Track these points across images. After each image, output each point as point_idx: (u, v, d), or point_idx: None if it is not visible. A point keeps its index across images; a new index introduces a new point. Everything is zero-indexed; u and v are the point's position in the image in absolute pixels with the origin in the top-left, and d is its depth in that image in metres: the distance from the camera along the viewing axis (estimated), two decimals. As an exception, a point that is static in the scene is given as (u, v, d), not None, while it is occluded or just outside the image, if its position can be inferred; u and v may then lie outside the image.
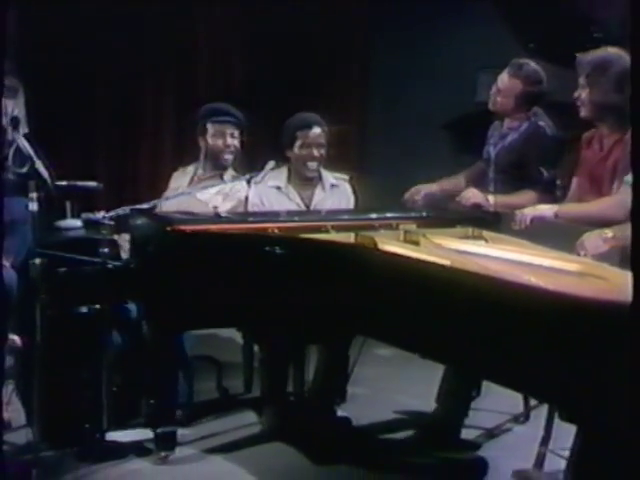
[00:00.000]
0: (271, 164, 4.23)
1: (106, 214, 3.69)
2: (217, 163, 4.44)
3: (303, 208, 4.34)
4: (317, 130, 4.32)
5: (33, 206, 3.43)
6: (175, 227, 3.72)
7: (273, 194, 4.36)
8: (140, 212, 3.86)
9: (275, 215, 4.06)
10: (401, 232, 3.68)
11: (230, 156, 4.42)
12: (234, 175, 4.42)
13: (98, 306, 3.64)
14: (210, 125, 4.41)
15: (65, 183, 3.79)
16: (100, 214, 3.69)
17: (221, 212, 4.14)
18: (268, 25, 6.85)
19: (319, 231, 3.70)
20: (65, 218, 4.06)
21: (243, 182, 4.36)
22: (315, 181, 4.40)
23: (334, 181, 4.43)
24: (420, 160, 5.95)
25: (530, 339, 2.60)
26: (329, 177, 4.42)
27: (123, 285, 3.72)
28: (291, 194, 4.36)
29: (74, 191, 3.95)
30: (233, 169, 4.45)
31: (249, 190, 4.36)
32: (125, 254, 3.86)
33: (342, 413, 4.11)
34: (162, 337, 3.80)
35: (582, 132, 3.77)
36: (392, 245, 3.42)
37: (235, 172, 4.44)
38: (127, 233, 3.89)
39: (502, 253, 3.29)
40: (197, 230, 3.75)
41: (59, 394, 3.68)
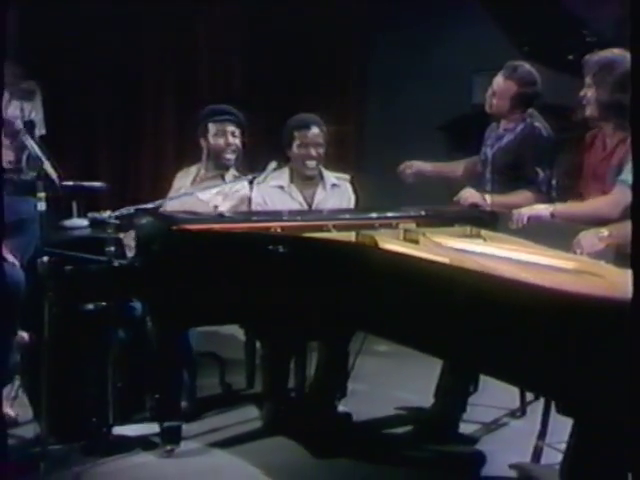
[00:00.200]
0: (273, 164, 4.24)
1: (112, 214, 3.70)
2: (219, 163, 4.44)
3: (305, 207, 4.36)
4: (315, 130, 4.34)
5: (41, 206, 3.47)
6: (179, 226, 3.75)
7: (276, 194, 4.37)
8: (145, 212, 3.87)
9: (277, 215, 4.06)
10: (401, 231, 3.70)
11: (232, 155, 4.43)
12: (235, 175, 4.43)
13: (104, 303, 3.65)
14: (211, 125, 4.42)
15: (72, 183, 3.84)
16: (106, 214, 3.70)
17: (223, 211, 4.17)
18: (268, 25, 6.87)
19: (321, 230, 3.72)
20: (72, 217, 4.12)
21: (243, 182, 4.37)
22: (316, 180, 4.41)
23: (335, 181, 4.44)
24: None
25: (528, 335, 2.62)
26: (330, 177, 4.44)
27: (128, 283, 3.74)
28: (294, 193, 4.38)
29: (80, 191, 3.99)
30: (235, 169, 4.46)
31: (252, 190, 4.37)
32: (130, 253, 3.87)
33: (343, 408, 4.14)
34: (166, 334, 3.83)
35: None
36: (392, 244, 3.44)
37: (237, 172, 4.46)
38: (132, 232, 3.91)
39: (500, 251, 3.32)
40: (201, 229, 3.77)
41: (66, 389, 3.72)
